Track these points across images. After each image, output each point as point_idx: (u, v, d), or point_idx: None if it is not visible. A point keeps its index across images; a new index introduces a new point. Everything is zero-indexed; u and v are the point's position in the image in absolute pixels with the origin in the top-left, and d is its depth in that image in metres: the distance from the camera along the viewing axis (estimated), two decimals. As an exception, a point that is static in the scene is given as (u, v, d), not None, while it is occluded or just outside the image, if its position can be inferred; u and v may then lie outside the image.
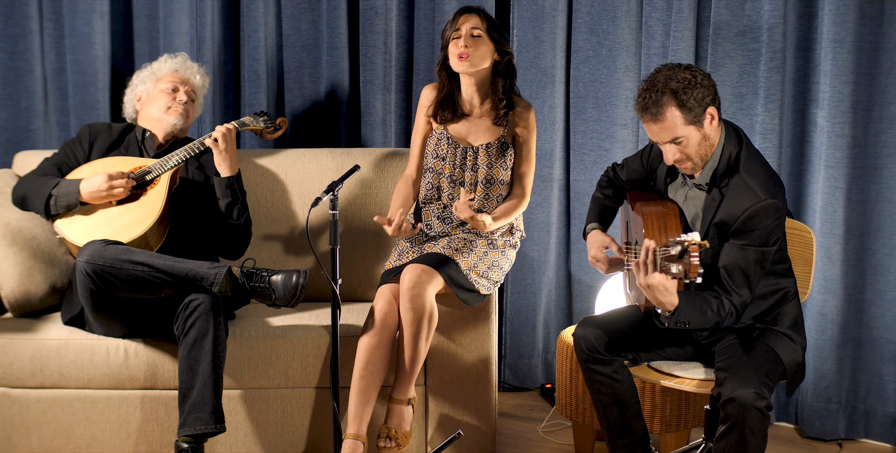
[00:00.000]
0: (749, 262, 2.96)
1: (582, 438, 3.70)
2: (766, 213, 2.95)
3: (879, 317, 3.81)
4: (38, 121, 4.45)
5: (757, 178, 2.99)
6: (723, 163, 3.02)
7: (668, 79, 2.94)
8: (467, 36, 3.50)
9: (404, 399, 3.42)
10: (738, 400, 2.87)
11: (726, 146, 3.03)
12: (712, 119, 2.98)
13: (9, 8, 4.37)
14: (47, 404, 3.54)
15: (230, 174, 3.66)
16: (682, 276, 2.75)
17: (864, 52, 3.68)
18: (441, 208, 3.61)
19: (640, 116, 2.98)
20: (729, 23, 3.79)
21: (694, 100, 2.92)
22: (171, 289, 3.38)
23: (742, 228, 2.96)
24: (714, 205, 3.02)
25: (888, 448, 3.84)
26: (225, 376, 3.50)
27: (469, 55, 3.49)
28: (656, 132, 2.97)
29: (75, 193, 3.56)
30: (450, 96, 3.61)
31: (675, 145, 2.97)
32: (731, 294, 2.98)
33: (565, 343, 3.70)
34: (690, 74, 2.95)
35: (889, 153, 3.72)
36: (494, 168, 3.54)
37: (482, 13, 3.56)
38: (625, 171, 3.35)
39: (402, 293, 3.36)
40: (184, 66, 3.89)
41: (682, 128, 2.95)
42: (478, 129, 3.58)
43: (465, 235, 3.55)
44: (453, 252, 3.45)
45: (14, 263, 3.65)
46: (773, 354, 3.03)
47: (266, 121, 3.89)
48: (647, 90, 2.96)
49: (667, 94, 2.92)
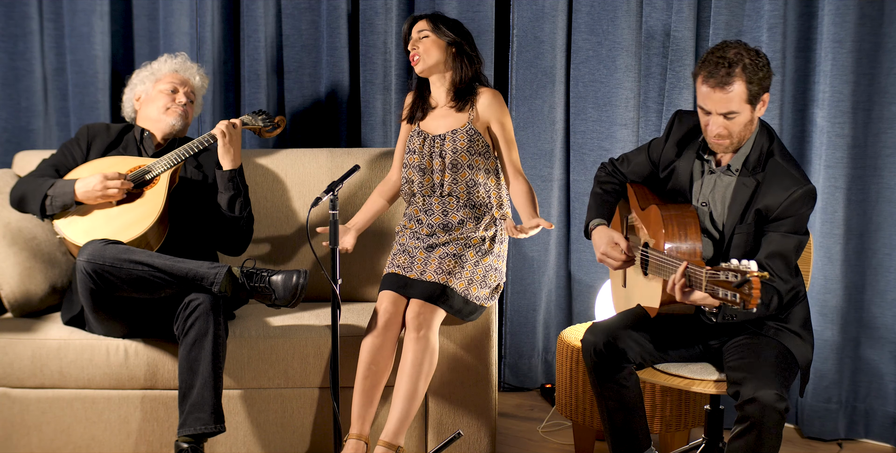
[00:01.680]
0: (790, 249, 2.99)
1: (582, 438, 3.70)
2: (805, 199, 2.99)
3: (879, 317, 3.81)
4: (38, 121, 4.45)
5: (793, 164, 3.04)
6: (755, 152, 3.05)
7: (740, 54, 2.96)
8: (415, 41, 3.60)
9: (395, 444, 3.36)
10: (760, 401, 2.85)
11: (758, 138, 3.06)
12: (763, 105, 3.02)
13: (9, 8, 4.37)
14: (47, 404, 3.54)
15: (232, 167, 3.67)
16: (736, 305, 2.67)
17: (864, 52, 3.68)
18: (421, 200, 3.63)
19: (704, 82, 2.97)
20: (729, 23, 3.79)
21: (759, 79, 2.96)
22: (171, 288, 3.38)
23: (783, 214, 2.99)
24: (749, 191, 3.04)
25: (888, 448, 3.84)
26: (225, 376, 3.51)
27: (419, 56, 3.58)
28: (717, 100, 2.98)
29: (70, 193, 3.56)
30: (420, 98, 3.69)
31: (726, 119, 2.99)
32: (776, 280, 2.98)
33: (565, 343, 3.70)
34: (761, 57, 2.99)
35: (889, 153, 3.72)
36: (460, 153, 3.55)
37: (429, 16, 3.64)
38: (626, 166, 3.33)
39: (408, 329, 3.40)
40: (184, 67, 3.89)
41: (741, 104, 2.97)
42: (445, 120, 3.61)
43: (454, 249, 3.55)
44: (447, 277, 3.46)
45: (14, 263, 3.65)
46: (789, 354, 3.03)
47: (265, 120, 3.89)
48: (719, 59, 2.97)
49: (740, 66, 2.95)
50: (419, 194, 3.62)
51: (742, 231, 3.04)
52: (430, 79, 3.65)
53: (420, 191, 3.61)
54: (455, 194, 3.58)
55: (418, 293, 3.44)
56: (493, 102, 3.58)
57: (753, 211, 3.02)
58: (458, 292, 3.45)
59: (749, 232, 3.04)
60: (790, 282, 3.01)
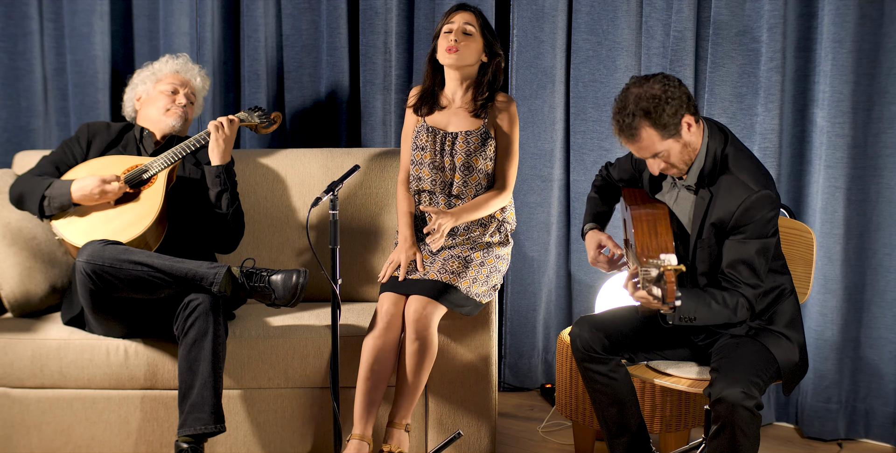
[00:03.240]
0: (751, 255, 2.97)
1: (582, 438, 3.70)
2: (760, 204, 2.95)
3: (879, 317, 3.81)
4: (38, 121, 4.45)
5: (746, 172, 2.99)
6: (709, 162, 3.02)
7: (637, 98, 2.91)
8: (459, 31, 3.51)
9: (402, 424, 3.43)
10: (727, 400, 2.88)
11: (710, 144, 3.02)
12: (689, 126, 2.96)
13: (9, 8, 4.37)
14: (47, 404, 3.54)
15: (221, 163, 3.66)
16: (658, 298, 2.74)
17: (864, 52, 3.68)
18: (428, 199, 3.61)
19: (618, 137, 2.97)
20: (729, 23, 3.79)
21: (667, 115, 2.91)
22: (170, 288, 3.38)
23: (739, 222, 2.96)
24: (704, 204, 3.02)
25: (888, 448, 3.84)
26: (225, 376, 3.51)
27: (458, 49, 3.49)
28: (637, 150, 2.98)
29: (67, 195, 3.56)
30: (431, 90, 3.62)
31: (658, 158, 2.98)
32: (741, 286, 2.97)
33: (565, 343, 3.71)
34: (660, 88, 2.92)
35: (889, 153, 3.72)
36: (473, 156, 3.54)
37: (478, 12, 3.57)
38: (617, 170, 3.36)
39: (409, 324, 3.39)
40: (185, 68, 3.88)
41: (661, 144, 2.95)
42: (457, 119, 3.58)
43: (460, 250, 3.55)
44: (450, 276, 3.46)
45: (14, 263, 3.65)
46: (767, 353, 3.03)
47: (260, 116, 3.88)
48: (619, 112, 2.94)
49: (638, 115, 2.91)
50: (427, 192, 3.60)
51: (702, 245, 3.04)
52: (449, 74, 3.58)
53: (430, 188, 3.59)
54: (463, 197, 3.57)
55: (419, 289, 3.44)
56: (512, 114, 3.57)
57: (709, 225, 3.01)
58: (461, 290, 3.45)
59: (710, 245, 3.03)
60: (760, 286, 3.00)
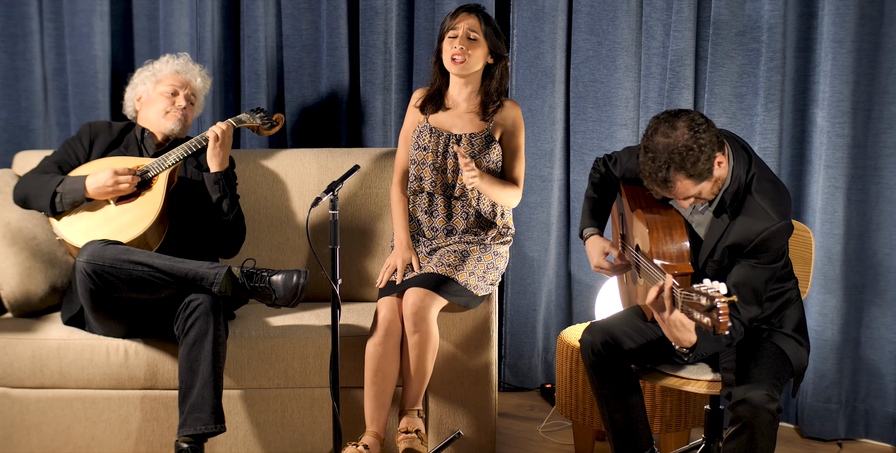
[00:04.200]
0: (760, 281, 2.96)
1: (582, 438, 3.70)
2: (780, 235, 2.94)
3: (879, 317, 3.81)
4: (38, 121, 4.45)
5: (768, 198, 2.95)
6: (733, 186, 2.98)
7: (669, 151, 2.84)
8: (463, 37, 3.49)
9: (414, 410, 3.44)
10: (751, 402, 2.86)
11: (735, 168, 2.98)
12: (720, 164, 2.92)
13: (9, 8, 4.37)
14: (47, 404, 3.54)
15: (218, 169, 3.66)
16: (708, 329, 2.66)
17: (864, 52, 3.68)
18: (427, 200, 3.60)
19: (649, 186, 2.91)
20: (729, 23, 3.79)
21: (701, 163, 2.85)
22: (171, 289, 3.38)
23: (756, 249, 2.94)
24: (722, 227, 2.99)
25: (888, 448, 3.84)
26: (225, 376, 3.51)
27: (464, 59, 3.48)
28: (672, 195, 2.93)
29: (81, 190, 3.57)
30: (439, 91, 3.62)
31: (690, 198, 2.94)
32: (740, 310, 2.96)
33: (565, 343, 3.70)
34: (690, 136, 2.83)
35: (889, 153, 3.72)
36: (477, 158, 3.53)
37: (482, 14, 3.55)
38: (618, 167, 3.31)
39: (407, 317, 3.39)
40: (185, 69, 3.88)
41: (694, 189, 2.90)
42: (462, 121, 3.58)
43: (456, 246, 3.55)
44: (447, 269, 3.46)
45: (14, 263, 3.65)
46: (783, 355, 3.03)
47: (262, 118, 3.88)
48: (649, 163, 2.87)
49: (673, 168, 2.84)
50: (426, 193, 3.60)
51: (712, 265, 3.03)
52: (454, 78, 3.58)
53: (430, 189, 3.59)
54: (464, 200, 3.57)
55: (415, 282, 3.43)
56: (514, 115, 3.57)
57: (724, 247, 2.99)
58: (460, 283, 3.44)
59: (721, 266, 3.02)
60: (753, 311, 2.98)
